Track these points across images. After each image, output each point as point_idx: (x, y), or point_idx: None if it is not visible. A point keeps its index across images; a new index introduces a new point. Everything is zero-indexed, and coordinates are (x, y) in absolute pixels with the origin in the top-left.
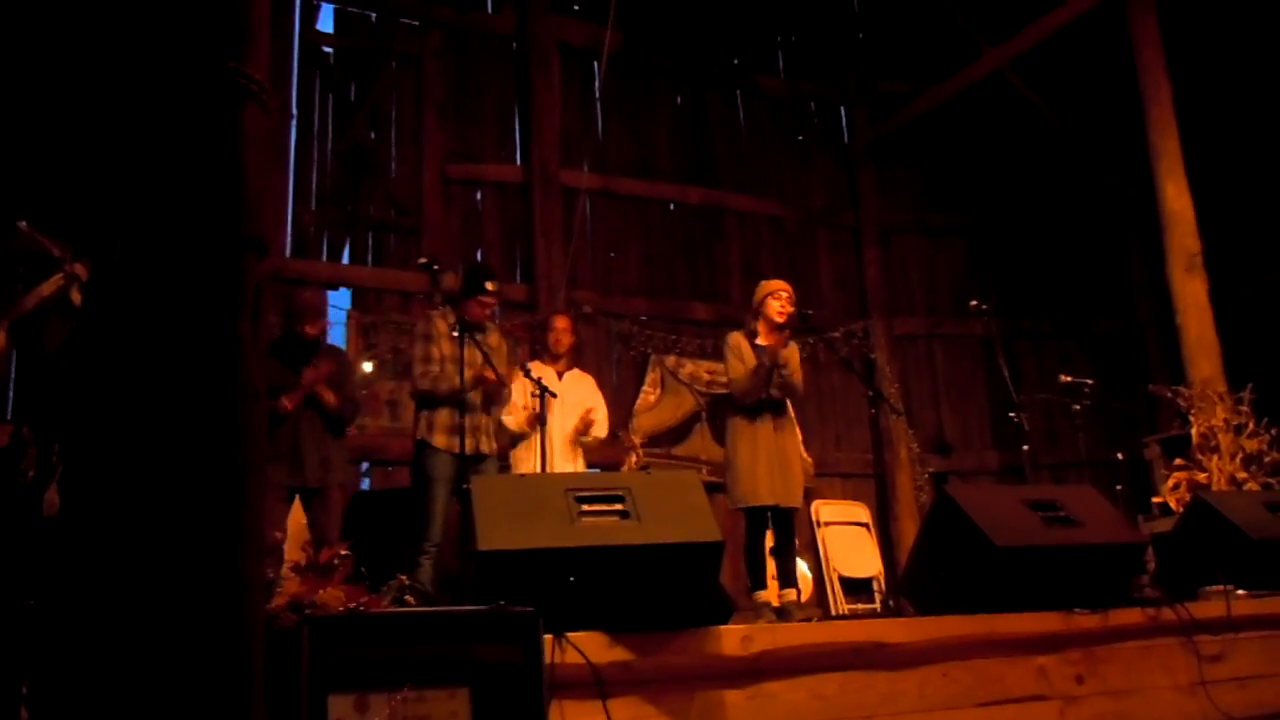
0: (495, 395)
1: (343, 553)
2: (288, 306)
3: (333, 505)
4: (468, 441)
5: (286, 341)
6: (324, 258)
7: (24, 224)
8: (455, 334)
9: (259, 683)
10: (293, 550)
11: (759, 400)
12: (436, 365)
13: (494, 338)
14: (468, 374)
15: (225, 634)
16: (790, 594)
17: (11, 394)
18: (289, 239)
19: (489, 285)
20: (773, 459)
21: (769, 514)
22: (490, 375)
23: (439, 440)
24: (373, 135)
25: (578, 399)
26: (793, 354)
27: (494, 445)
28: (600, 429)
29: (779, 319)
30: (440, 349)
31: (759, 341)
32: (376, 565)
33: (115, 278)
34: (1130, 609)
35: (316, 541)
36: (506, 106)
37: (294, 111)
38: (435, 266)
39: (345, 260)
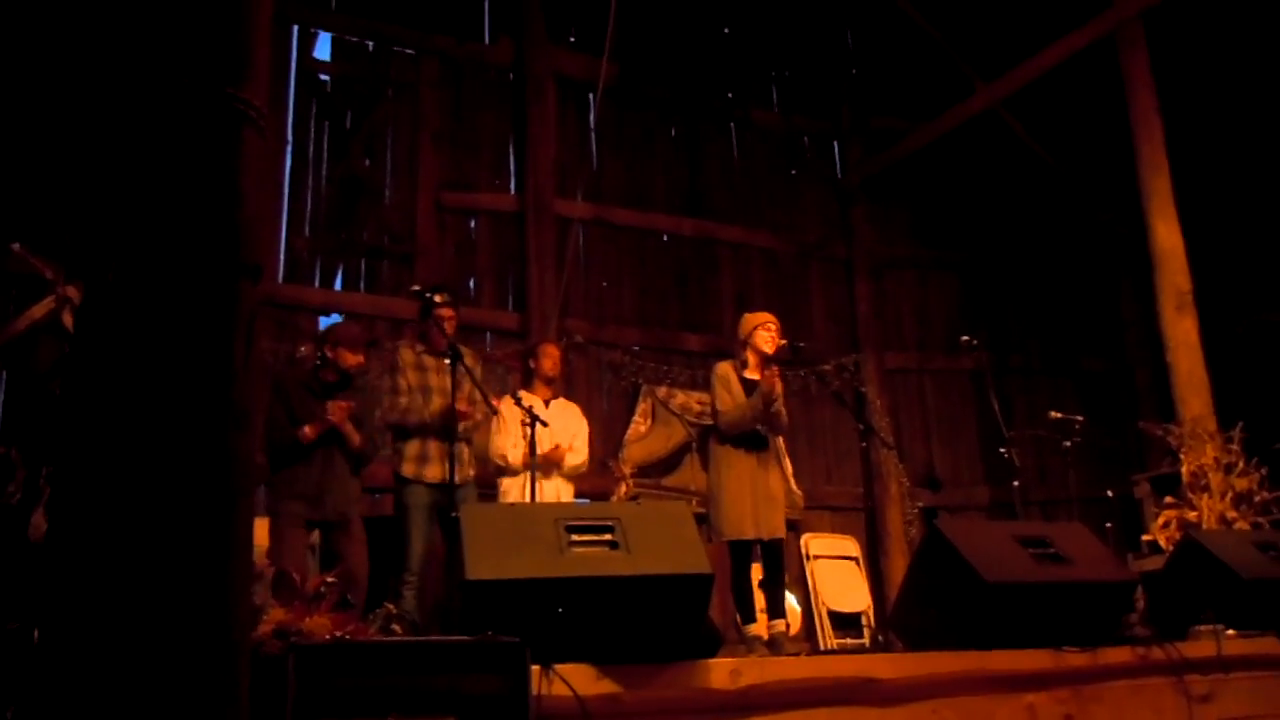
0: (470, 426)
1: (329, 580)
2: (327, 336)
3: (356, 535)
4: (438, 469)
5: (321, 371)
6: (317, 284)
7: (17, 246)
8: (443, 362)
9: (244, 710)
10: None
11: (746, 432)
12: (404, 397)
13: (469, 360)
14: (436, 404)
15: (211, 660)
16: (780, 624)
17: (0, 416)
18: (282, 264)
19: (438, 298)
20: (758, 492)
21: (756, 546)
22: (463, 407)
23: (408, 470)
24: (368, 162)
25: (564, 427)
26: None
27: (469, 472)
28: (578, 456)
29: (769, 350)
30: (407, 379)
31: (747, 374)
32: (366, 593)
33: (109, 301)
34: (1120, 647)
35: (345, 574)
36: (502, 136)
37: (289, 138)
38: (427, 294)
39: (338, 286)
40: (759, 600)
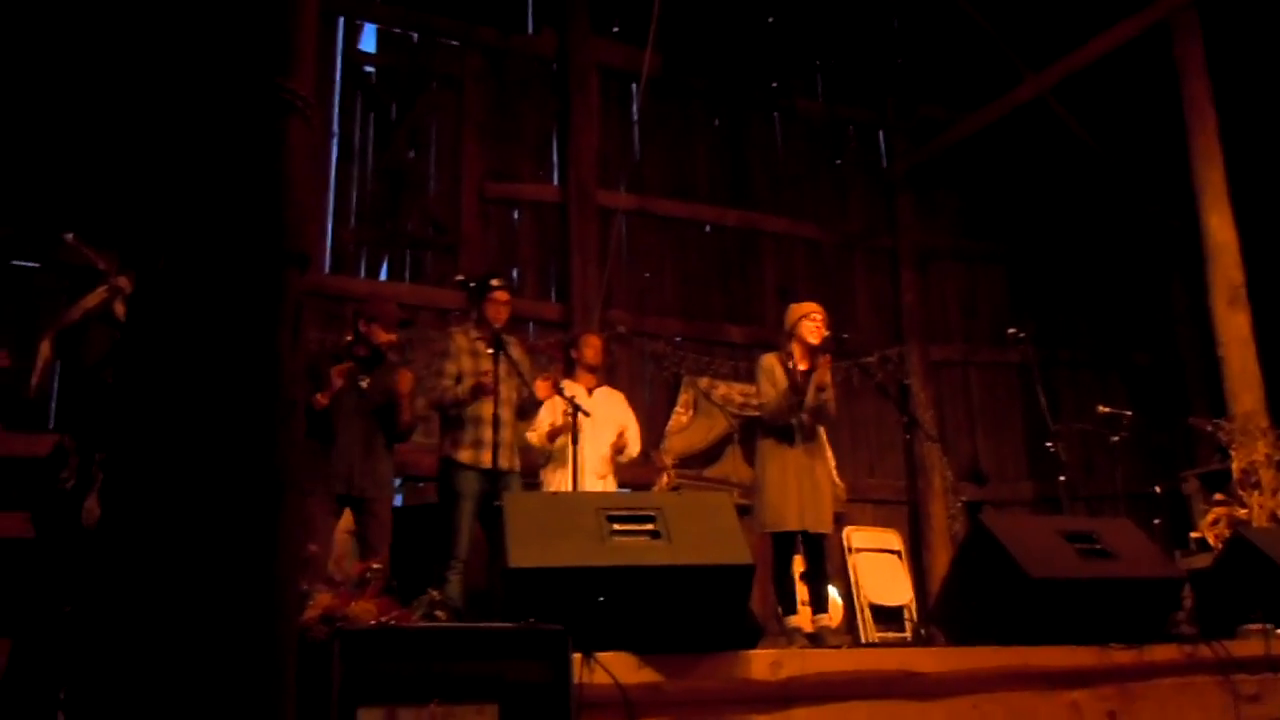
0: (526, 408)
1: (375, 566)
2: (362, 310)
3: (384, 518)
4: (490, 455)
5: (354, 347)
6: (362, 274)
7: (71, 236)
8: (487, 349)
9: (290, 694)
10: (337, 561)
11: (790, 423)
12: (450, 380)
13: (515, 350)
14: (467, 383)
15: (259, 645)
16: (823, 618)
17: (55, 404)
18: (329, 255)
19: (494, 282)
20: (803, 483)
21: (798, 539)
22: (488, 381)
23: (463, 456)
24: (412, 154)
25: (609, 416)
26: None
27: (516, 461)
28: (634, 446)
29: (814, 341)
30: (459, 365)
31: (793, 365)
32: (408, 580)
33: (159, 290)
34: (1166, 645)
35: (366, 555)
36: (545, 127)
37: (335, 130)
38: (472, 284)
39: (383, 277)
40: (801, 592)
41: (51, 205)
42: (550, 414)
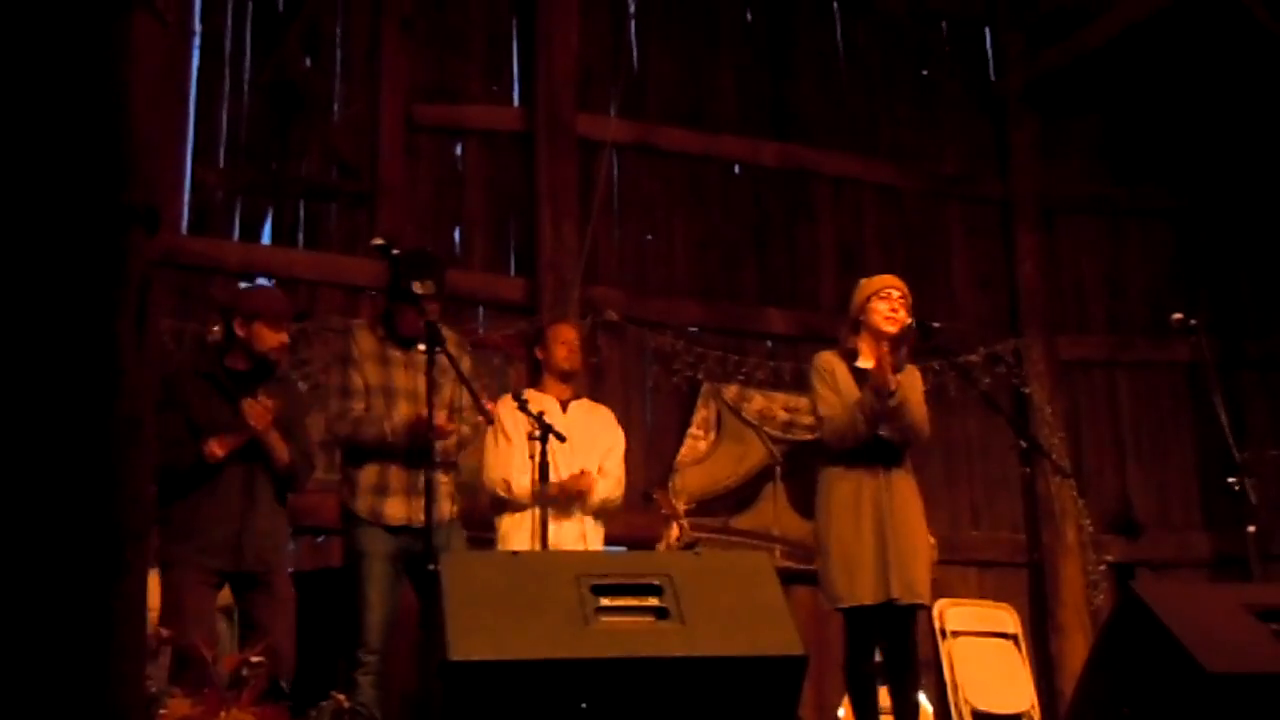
0: (452, 445)
1: (254, 659)
2: (236, 306)
3: (284, 594)
4: (403, 506)
5: (228, 358)
6: (236, 235)
7: None
8: (414, 354)
9: None
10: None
11: (862, 445)
12: (359, 401)
13: (452, 346)
14: (401, 414)
15: None
16: None
17: None
18: (187, 208)
19: (418, 287)
20: (884, 532)
21: (879, 616)
22: (442, 421)
23: (362, 505)
24: (308, 61)
25: (589, 439)
26: (913, 381)
27: (451, 509)
28: (609, 483)
29: (891, 329)
30: (364, 376)
31: (861, 363)
32: (304, 676)
33: None
34: None
35: (269, 651)
36: (502, 23)
37: (197, 27)
38: (395, 250)
39: (266, 239)
40: (880, 697)
41: None
42: (517, 434)
